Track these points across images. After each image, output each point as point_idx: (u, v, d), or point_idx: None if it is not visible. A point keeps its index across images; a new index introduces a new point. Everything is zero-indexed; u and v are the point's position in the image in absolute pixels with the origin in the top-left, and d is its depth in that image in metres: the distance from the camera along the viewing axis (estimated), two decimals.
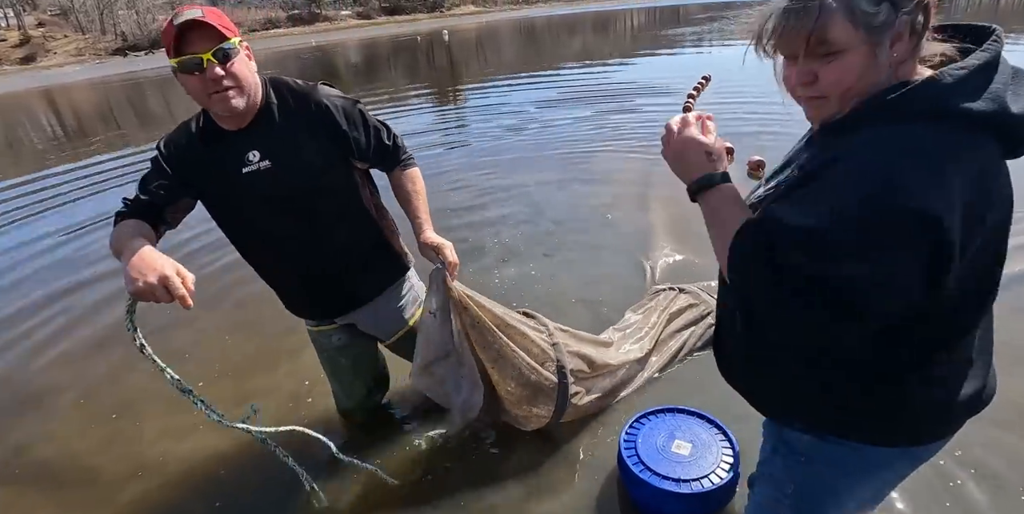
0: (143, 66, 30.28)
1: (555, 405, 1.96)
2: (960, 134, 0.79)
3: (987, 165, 0.81)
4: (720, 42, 16.09)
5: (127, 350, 3.01)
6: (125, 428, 2.49)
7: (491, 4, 72.30)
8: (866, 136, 0.82)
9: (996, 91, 0.79)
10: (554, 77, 12.46)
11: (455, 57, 21.59)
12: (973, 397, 0.98)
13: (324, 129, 1.58)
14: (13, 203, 6.37)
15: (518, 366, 1.86)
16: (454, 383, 1.88)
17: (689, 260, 3.40)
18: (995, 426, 1.94)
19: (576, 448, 2.11)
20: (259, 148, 1.54)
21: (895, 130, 0.81)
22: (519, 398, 1.91)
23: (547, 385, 1.92)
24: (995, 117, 0.79)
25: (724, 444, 1.83)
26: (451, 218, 4.42)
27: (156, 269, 1.22)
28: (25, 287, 4.09)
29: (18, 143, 11.41)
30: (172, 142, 1.59)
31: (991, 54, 0.82)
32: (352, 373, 2.12)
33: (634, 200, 4.46)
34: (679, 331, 2.57)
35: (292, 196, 1.59)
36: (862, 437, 1.01)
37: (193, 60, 1.35)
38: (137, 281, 1.21)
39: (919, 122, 0.80)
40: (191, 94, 1.44)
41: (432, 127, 8.38)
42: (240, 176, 1.54)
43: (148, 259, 1.24)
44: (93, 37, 59.71)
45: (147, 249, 1.28)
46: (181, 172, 1.57)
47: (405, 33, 37.16)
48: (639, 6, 45.11)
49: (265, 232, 1.66)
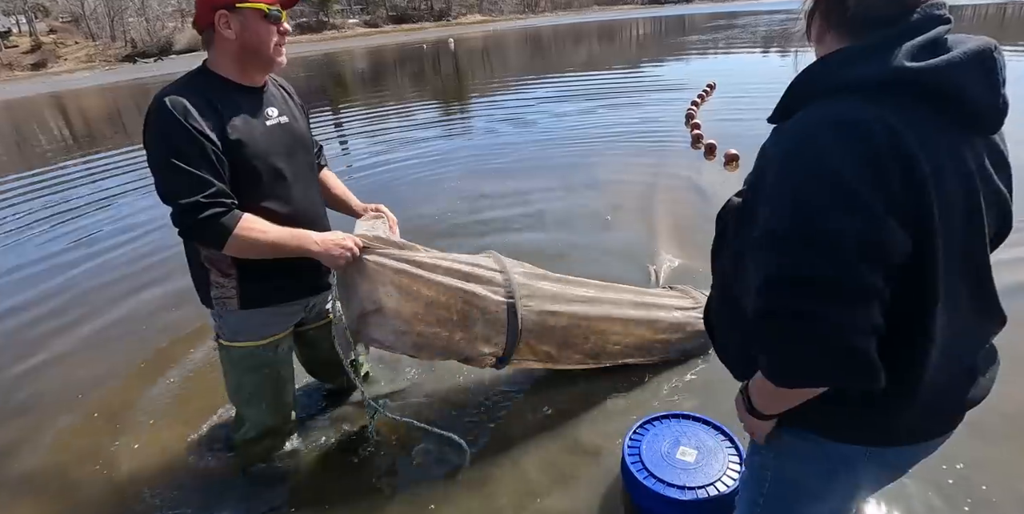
0: (152, 72, 30.51)
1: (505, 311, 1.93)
2: (858, 104, 0.78)
3: (916, 136, 0.77)
4: (746, 48, 16.12)
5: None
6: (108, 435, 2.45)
7: (497, 13, 72.84)
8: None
9: (890, 54, 0.78)
10: (558, 83, 12.50)
11: (461, 65, 21.71)
12: (934, 405, 0.92)
13: (297, 102, 1.88)
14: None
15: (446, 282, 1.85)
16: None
17: (692, 266, 3.37)
18: (980, 438, 1.83)
19: (579, 453, 2.07)
20: (274, 106, 1.74)
21: (806, 109, 0.83)
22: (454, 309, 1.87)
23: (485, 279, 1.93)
24: (883, 76, 0.78)
25: (731, 451, 1.78)
26: (454, 223, 4.41)
27: (341, 241, 1.68)
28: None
29: (24, 144, 11.48)
30: (194, 108, 1.53)
31: (904, 25, 0.80)
32: (287, 384, 2.00)
33: (637, 205, 4.44)
34: (662, 305, 2.49)
35: (298, 145, 1.80)
36: (808, 425, 0.96)
37: (278, 13, 1.61)
38: (343, 254, 1.67)
39: (816, 101, 0.82)
40: (254, 40, 1.59)
41: (435, 132, 8.40)
42: (265, 127, 1.70)
43: (329, 237, 1.68)
44: (103, 44, 60.31)
45: (313, 232, 1.67)
46: (220, 133, 1.57)
47: (412, 42, 37.42)
48: (644, 15, 45.36)
49: (284, 177, 1.74)
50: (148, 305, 3.55)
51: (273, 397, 1.96)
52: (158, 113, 1.52)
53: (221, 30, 1.57)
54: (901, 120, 0.77)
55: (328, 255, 1.65)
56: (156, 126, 1.52)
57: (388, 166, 6.31)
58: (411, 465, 2.08)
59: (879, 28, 0.81)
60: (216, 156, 1.54)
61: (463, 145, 7.42)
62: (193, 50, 57.32)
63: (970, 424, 1.02)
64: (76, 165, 8.47)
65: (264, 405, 1.96)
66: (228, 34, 1.57)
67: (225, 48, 1.61)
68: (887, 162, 0.75)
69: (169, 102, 1.51)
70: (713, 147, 5.56)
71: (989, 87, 0.81)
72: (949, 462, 1.83)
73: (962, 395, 0.95)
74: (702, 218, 4.07)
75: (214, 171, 1.53)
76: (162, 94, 1.54)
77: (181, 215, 1.52)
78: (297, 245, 1.63)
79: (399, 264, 1.78)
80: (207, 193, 1.51)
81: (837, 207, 0.74)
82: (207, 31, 1.60)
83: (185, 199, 1.49)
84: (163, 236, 4.60)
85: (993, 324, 0.96)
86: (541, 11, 75.03)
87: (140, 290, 3.78)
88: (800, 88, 0.85)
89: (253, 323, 1.81)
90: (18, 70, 46.93)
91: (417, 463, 2.08)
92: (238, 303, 1.74)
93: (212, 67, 1.65)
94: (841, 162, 0.75)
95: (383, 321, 1.78)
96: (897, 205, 0.76)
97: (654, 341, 2.39)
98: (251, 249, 1.59)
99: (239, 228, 1.54)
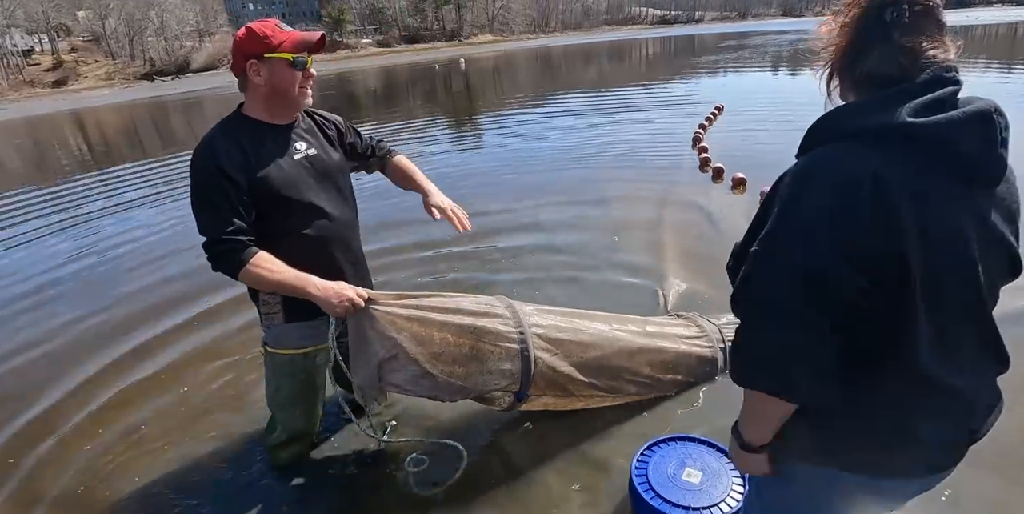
0: (169, 90, 31.15)
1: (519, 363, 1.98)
2: (856, 151, 0.87)
3: (907, 185, 0.84)
4: (756, 67, 16.25)
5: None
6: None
7: (508, 33, 73.80)
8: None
9: (898, 109, 0.86)
10: (567, 101, 12.67)
11: (472, 83, 22.03)
12: (933, 440, 0.95)
13: (330, 131, 2.04)
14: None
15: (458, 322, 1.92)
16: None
17: (699, 290, 3.41)
18: (973, 467, 1.84)
19: (587, 474, 2.12)
20: (303, 141, 1.90)
21: (809, 154, 0.93)
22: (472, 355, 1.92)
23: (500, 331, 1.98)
24: (879, 129, 0.86)
25: (734, 473, 1.83)
26: (461, 245, 4.47)
27: (342, 292, 1.76)
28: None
29: (46, 158, 11.75)
30: (223, 153, 1.72)
31: (908, 86, 0.88)
32: (319, 392, 2.18)
33: (646, 227, 4.51)
34: (667, 335, 2.52)
35: (327, 174, 1.94)
36: (800, 455, 1.01)
37: (304, 60, 1.77)
38: (341, 303, 1.75)
39: (828, 143, 0.91)
40: (280, 86, 1.76)
41: (445, 150, 8.55)
42: (293, 161, 1.85)
43: (332, 286, 1.77)
44: (122, 62, 61.60)
45: (317, 279, 1.76)
46: (248, 174, 1.74)
47: (424, 61, 38.00)
48: (654, 35, 45.82)
49: (315, 205, 1.89)
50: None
51: (305, 403, 2.14)
52: (194, 157, 1.75)
53: (252, 77, 1.76)
54: (893, 170, 0.84)
55: (327, 302, 1.76)
56: (192, 168, 1.74)
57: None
58: (417, 475, 2.11)
59: (886, 87, 0.90)
60: (240, 197, 1.72)
61: (471, 161, 7.55)
62: (209, 69, 58.48)
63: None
64: (91, 178, 8.67)
65: (296, 410, 2.15)
66: (258, 80, 1.76)
67: (256, 92, 1.79)
68: (863, 210, 0.83)
69: (204, 147, 1.74)
70: (721, 171, 5.64)
71: (985, 143, 0.87)
72: (936, 491, 1.85)
73: (962, 432, 0.99)
74: (710, 242, 4.13)
75: (236, 211, 1.72)
76: (203, 138, 1.77)
77: (205, 247, 1.74)
78: (299, 287, 1.76)
79: (408, 311, 1.86)
80: (227, 230, 1.70)
81: (796, 241, 0.86)
82: (241, 77, 1.79)
83: (210, 234, 1.71)
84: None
85: (996, 365, 0.99)
86: (551, 31, 76.02)
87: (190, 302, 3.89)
88: (815, 131, 0.95)
89: (294, 335, 1.99)
90: (39, 87, 48.06)
91: (420, 473, 2.10)
92: (282, 318, 1.96)
93: (245, 111, 1.85)
94: (818, 202, 0.85)
95: (400, 367, 1.86)
96: (864, 250, 0.83)
97: (662, 377, 2.42)
98: (259, 284, 1.78)
99: (250, 264, 1.72)
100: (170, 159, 10.13)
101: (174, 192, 7.28)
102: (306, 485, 2.20)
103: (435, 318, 1.88)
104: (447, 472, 2.02)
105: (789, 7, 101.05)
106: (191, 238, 1.97)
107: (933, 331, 0.89)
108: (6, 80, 54.67)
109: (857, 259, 0.83)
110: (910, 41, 0.89)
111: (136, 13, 62.87)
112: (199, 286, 4.04)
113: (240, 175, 1.72)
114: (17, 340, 3.64)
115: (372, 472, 2.22)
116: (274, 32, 1.73)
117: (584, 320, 2.32)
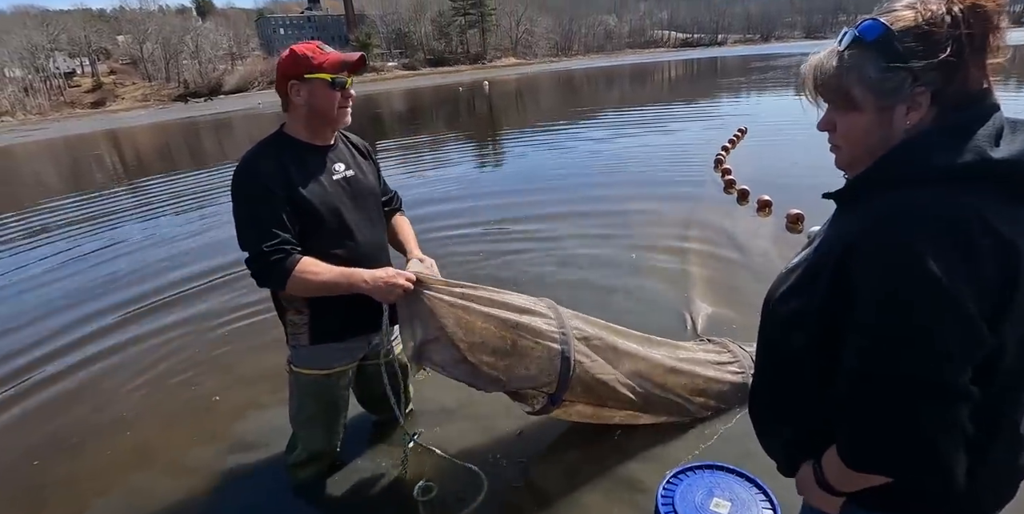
0: (202, 111, 32.07)
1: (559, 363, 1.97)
2: (949, 197, 0.78)
3: (1008, 225, 0.77)
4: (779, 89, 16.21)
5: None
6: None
7: (531, 57, 74.87)
8: (863, 211, 0.84)
9: (975, 142, 0.78)
10: (591, 121, 12.72)
11: (495, 105, 22.30)
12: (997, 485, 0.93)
13: (365, 156, 2.09)
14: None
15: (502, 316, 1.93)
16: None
17: (726, 315, 3.35)
18: None
19: (612, 502, 2.06)
20: (342, 162, 1.94)
21: (889, 199, 0.82)
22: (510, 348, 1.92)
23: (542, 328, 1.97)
24: (974, 167, 0.78)
25: (765, 504, 1.76)
26: (485, 263, 4.47)
27: (391, 280, 1.79)
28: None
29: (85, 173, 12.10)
30: (266, 171, 1.76)
31: (973, 112, 0.82)
32: (341, 413, 2.18)
33: (671, 249, 4.46)
34: (698, 360, 2.49)
35: (363, 195, 1.98)
36: (892, 509, 0.94)
37: (344, 80, 1.80)
38: (393, 291, 1.79)
39: (903, 188, 0.81)
40: (319, 105, 1.79)
41: (466, 168, 8.63)
42: (332, 181, 1.88)
43: (381, 275, 1.80)
44: (158, 84, 63.74)
45: (365, 272, 1.79)
46: (289, 191, 1.77)
47: (448, 84, 38.67)
48: (677, 58, 46.09)
49: (348, 227, 1.92)
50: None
51: (326, 422, 2.14)
52: (237, 174, 1.79)
53: (293, 97, 1.80)
54: (992, 211, 0.77)
55: (379, 291, 1.79)
56: (234, 185, 1.79)
57: (422, 198, 6.45)
58: (435, 495, 2.12)
59: (961, 111, 0.82)
60: (282, 210, 1.74)
61: (493, 182, 7.59)
62: (241, 91, 60.14)
63: None
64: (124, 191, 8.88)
65: (318, 430, 2.14)
66: (298, 100, 1.79)
67: (297, 113, 1.83)
68: (986, 260, 0.76)
69: (247, 164, 1.79)
70: (746, 193, 5.59)
71: None
72: None
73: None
74: (737, 265, 4.08)
75: (279, 224, 1.73)
76: (244, 156, 1.81)
77: (249, 262, 1.74)
78: (349, 283, 1.78)
79: (454, 299, 1.89)
80: (271, 243, 1.71)
81: (939, 312, 0.76)
82: (284, 97, 1.83)
83: (253, 248, 1.72)
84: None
85: None
86: (574, 54, 76.93)
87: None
88: (878, 174, 0.85)
89: (320, 356, 2.00)
90: (79, 108, 49.90)
91: (440, 494, 2.12)
92: (309, 339, 1.96)
93: (287, 131, 1.88)
94: (943, 266, 0.75)
95: (442, 348, 1.89)
96: (989, 301, 0.77)
97: (693, 399, 2.38)
98: (308, 288, 1.78)
99: (297, 270, 1.72)
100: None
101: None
102: (323, 505, 2.18)
103: (480, 309, 1.90)
104: (461, 500, 1.99)
105: (812, 29, 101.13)
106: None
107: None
108: (48, 100, 56.93)
109: (987, 310, 0.77)
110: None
111: (172, 38, 65.34)
112: (233, 304, 4.12)
113: (282, 191, 1.75)
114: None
115: (391, 495, 2.19)
116: (315, 53, 1.77)
117: (619, 336, 2.30)
